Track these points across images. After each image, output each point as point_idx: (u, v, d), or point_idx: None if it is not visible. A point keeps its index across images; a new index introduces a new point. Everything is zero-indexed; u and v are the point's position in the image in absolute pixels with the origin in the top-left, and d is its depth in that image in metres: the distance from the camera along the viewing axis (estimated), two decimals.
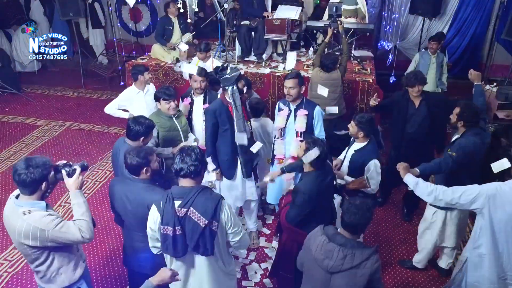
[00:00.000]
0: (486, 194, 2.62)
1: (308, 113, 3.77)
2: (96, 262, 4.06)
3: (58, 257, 2.48)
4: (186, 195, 2.37)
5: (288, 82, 3.74)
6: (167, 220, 2.36)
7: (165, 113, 3.79)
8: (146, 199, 2.66)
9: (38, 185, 2.33)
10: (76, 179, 2.45)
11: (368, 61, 6.39)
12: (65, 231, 2.35)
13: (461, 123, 3.35)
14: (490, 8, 7.56)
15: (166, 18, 6.36)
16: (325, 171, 2.99)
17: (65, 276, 2.55)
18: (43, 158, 2.40)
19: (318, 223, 2.95)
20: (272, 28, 5.83)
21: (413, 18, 7.78)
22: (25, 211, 2.32)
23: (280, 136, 3.91)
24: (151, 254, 2.84)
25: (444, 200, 2.78)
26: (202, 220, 2.35)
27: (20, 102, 7.83)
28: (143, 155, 2.72)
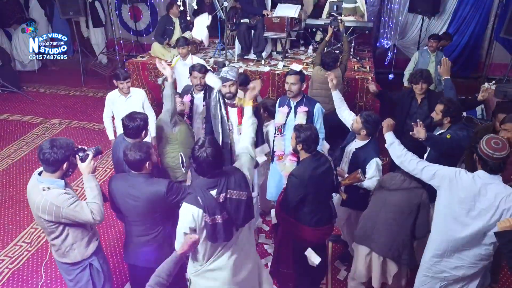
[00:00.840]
0: (443, 175, 2.64)
1: (308, 110, 3.80)
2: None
3: (72, 233, 2.65)
4: (218, 182, 2.39)
5: (290, 78, 3.77)
6: (213, 210, 2.36)
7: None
8: (149, 191, 2.71)
9: (60, 165, 2.50)
10: (88, 163, 2.58)
11: (367, 59, 6.42)
12: (78, 210, 2.52)
13: (447, 119, 3.44)
14: (489, 7, 7.58)
15: (167, 18, 6.39)
16: (318, 159, 3.03)
17: (78, 251, 2.70)
18: (67, 140, 2.56)
19: (313, 217, 3.03)
20: (271, 26, 5.85)
21: (412, 16, 7.81)
22: (44, 187, 2.49)
23: (280, 133, 3.94)
24: (153, 247, 2.90)
25: (408, 168, 2.86)
26: (242, 194, 2.45)
27: (20, 101, 7.85)
28: (145, 149, 2.75)
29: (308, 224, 3.06)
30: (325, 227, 3.16)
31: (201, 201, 2.34)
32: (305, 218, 3.06)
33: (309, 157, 3.01)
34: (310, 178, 2.94)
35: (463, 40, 7.82)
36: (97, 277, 2.84)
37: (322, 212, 3.11)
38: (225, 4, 5.71)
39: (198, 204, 2.35)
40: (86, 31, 9.60)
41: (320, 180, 3.01)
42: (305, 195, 2.97)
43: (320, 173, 2.99)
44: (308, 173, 2.94)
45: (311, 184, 2.95)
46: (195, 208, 2.35)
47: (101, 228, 4.47)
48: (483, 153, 2.50)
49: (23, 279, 3.84)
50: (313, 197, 3.00)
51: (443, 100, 3.50)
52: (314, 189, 2.98)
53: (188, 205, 2.37)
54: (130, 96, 4.50)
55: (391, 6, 7.57)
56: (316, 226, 3.08)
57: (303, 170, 2.98)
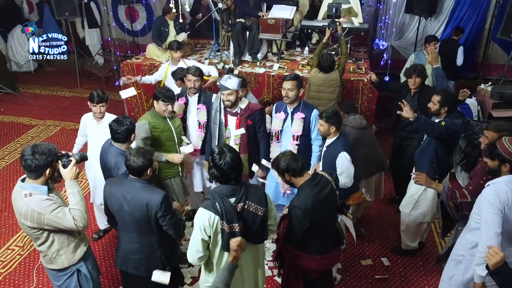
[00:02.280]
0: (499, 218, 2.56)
1: (305, 116, 3.74)
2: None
3: (58, 239, 2.62)
4: (237, 191, 2.42)
5: (287, 83, 3.68)
6: (231, 218, 2.37)
7: (160, 114, 3.73)
8: (145, 198, 2.67)
9: (43, 171, 2.48)
10: (70, 169, 2.56)
11: (363, 60, 6.39)
12: (61, 216, 2.48)
13: (444, 109, 3.55)
14: (486, 7, 7.53)
15: (162, 19, 6.35)
16: (318, 182, 2.73)
17: (65, 257, 2.68)
18: (49, 145, 2.54)
19: (321, 245, 2.82)
20: (266, 27, 5.82)
21: (409, 17, 7.76)
22: (26, 193, 2.48)
23: (277, 139, 3.88)
24: (145, 255, 2.85)
25: (489, 240, 2.58)
26: (260, 210, 2.47)
27: (15, 102, 7.83)
28: (148, 156, 2.72)
29: (316, 254, 2.82)
30: (333, 252, 2.93)
31: (219, 208, 2.34)
32: (313, 248, 2.80)
33: (307, 182, 2.71)
34: (314, 206, 2.64)
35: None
36: (85, 283, 2.81)
37: (329, 237, 2.89)
38: (220, 6, 5.68)
39: (216, 211, 2.35)
40: (82, 32, 9.56)
41: (324, 205, 2.73)
42: (310, 225, 2.68)
43: (323, 198, 2.70)
44: (311, 200, 2.64)
45: (316, 212, 2.66)
46: (212, 214, 2.36)
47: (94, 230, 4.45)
48: (508, 153, 2.52)
49: (14, 284, 3.81)
50: (319, 225, 2.75)
51: (439, 91, 3.62)
52: (319, 216, 2.70)
53: (205, 211, 2.37)
54: (102, 122, 3.87)
55: (388, 6, 7.53)
56: (323, 254, 2.84)
57: (305, 199, 2.66)
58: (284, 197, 3.95)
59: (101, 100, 3.80)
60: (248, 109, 3.79)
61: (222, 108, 3.82)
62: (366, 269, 3.97)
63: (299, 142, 3.75)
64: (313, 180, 2.72)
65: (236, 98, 3.69)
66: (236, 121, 3.80)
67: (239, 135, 3.78)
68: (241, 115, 3.77)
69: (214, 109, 3.88)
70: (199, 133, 4.07)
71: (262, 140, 3.90)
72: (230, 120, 3.84)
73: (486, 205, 2.55)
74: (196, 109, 4.13)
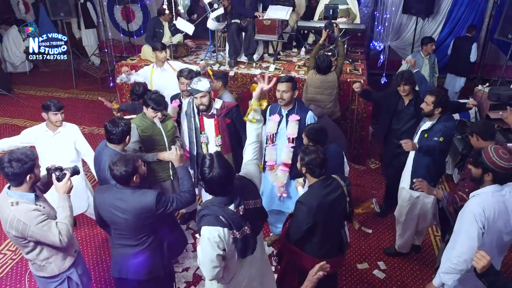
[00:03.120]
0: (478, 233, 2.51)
1: (301, 118, 3.68)
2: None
3: (47, 247, 2.56)
4: (233, 197, 2.34)
5: (281, 85, 3.62)
6: (239, 223, 2.29)
7: (149, 119, 3.65)
8: (139, 203, 2.62)
9: (22, 178, 2.41)
10: (65, 184, 2.53)
11: (360, 61, 6.35)
12: (46, 230, 2.42)
13: (439, 109, 3.52)
14: (483, 8, 7.53)
15: (156, 20, 6.29)
16: (329, 184, 2.75)
17: (55, 264, 2.63)
18: (27, 151, 2.46)
19: (321, 247, 2.79)
20: (262, 28, 5.77)
21: (407, 18, 7.74)
22: (13, 201, 2.42)
23: (272, 142, 3.83)
24: (143, 258, 2.80)
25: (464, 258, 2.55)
26: (258, 202, 2.45)
27: (10, 104, 7.76)
28: (131, 164, 2.63)
29: (315, 255, 2.79)
30: (334, 259, 2.87)
31: (225, 219, 2.24)
32: (312, 248, 2.81)
33: (318, 182, 2.74)
34: (320, 206, 2.66)
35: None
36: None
37: (331, 242, 2.87)
38: (215, 6, 5.63)
39: (222, 223, 2.24)
40: (78, 32, 9.51)
41: (331, 208, 2.73)
42: (313, 224, 2.70)
43: (331, 201, 2.72)
44: (318, 200, 2.67)
45: (321, 213, 2.68)
46: (220, 228, 2.24)
47: (85, 237, 4.40)
48: (492, 163, 2.46)
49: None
50: (322, 227, 2.74)
51: (432, 91, 3.61)
52: (323, 218, 2.71)
53: (211, 227, 2.24)
54: (59, 132, 3.77)
55: (385, 7, 7.50)
56: (323, 257, 2.74)
57: (312, 197, 2.70)
58: (280, 201, 3.91)
59: (61, 107, 3.70)
60: (224, 108, 3.75)
61: (196, 113, 3.77)
62: (362, 272, 3.93)
63: (294, 144, 3.70)
64: (325, 182, 2.74)
65: (209, 100, 3.65)
66: (214, 123, 3.75)
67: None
68: (218, 115, 3.73)
69: (188, 115, 3.82)
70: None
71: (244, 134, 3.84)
72: (207, 123, 3.78)
73: (469, 217, 2.48)
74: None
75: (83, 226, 4.56)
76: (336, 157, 3.36)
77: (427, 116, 3.63)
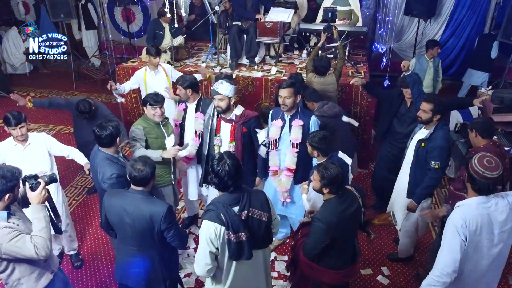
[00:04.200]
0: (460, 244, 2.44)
1: (304, 123, 3.64)
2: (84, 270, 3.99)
3: (19, 267, 2.46)
4: (240, 199, 2.40)
5: (283, 91, 3.57)
6: (237, 227, 2.36)
7: (151, 119, 3.65)
8: (148, 211, 2.60)
9: (1, 196, 2.31)
10: (39, 193, 2.42)
11: (362, 63, 6.31)
12: (20, 246, 2.32)
13: (437, 116, 3.45)
14: (485, 10, 7.48)
15: (157, 22, 6.25)
16: (346, 199, 2.71)
17: (26, 286, 2.52)
18: (13, 169, 2.38)
19: (337, 260, 2.78)
20: (264, 31, 5.73)
21: (408, 19, 7.70)
22: None
23: (275, 147, 3.78)
24: (145, 269, 2.78)
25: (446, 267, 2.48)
26: (264, 215, 2.47)
27: (10, 105, 7.66)
28: (153, 166, 2.68)
29: (331, 268, 2.79)
30: (348, 268, 2.88)
31: (224, 218, 2.32)
32: (329, 262, 2.78)
33: (335, 196, 2.69)
34: (338, 223, 2.62)
35: (459, 43, 7.73)
36: None
37: (346, 254, 2.85)
38: (217, 9, 5.59)
39: (221, 221, 2.33)
40: (78, 33, 9.48)
41: (349, 223, 2.71)
42: (332, 240, 2.66)
43: (349, 216, 2.68)
44: (336, 217, 2.62)
45: (339, 229, 2.64)
46: (217, 225, 2.34)
47: (88, 240, 4.36)
48: (473, 171, 2.39)
49: None
50: (339, 242, 2.72)
51: (429, 98, 3.50)
52: (341, 234, 2.68)
53: (210, 223, 2.35)
54: (29, 143, 3.61)
55: (387, 8, 7.46)
56: (339, 269, 2.81)
57: (330, 214, 2.64)
58: (283, 206, 3.88)
59: (19, 122, 3.46)
60: (243, 116, 3.71)
61: (215, 114, 3.75)
62: (366, 278, 3.89)
63: (298, 149, 3.66)
64: (342, 196, 2.70)
65: (227, 104, 3.62)
66: (231, 128, 3.72)
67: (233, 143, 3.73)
68: (236, 122, 3.70)
69: (208, 114, 3.81)
70: (195, 142, 3.98)
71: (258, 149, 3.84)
72: (223, 127, 3.77)
73: (452, 230, 2.42)
74: (194, 117, 4.03)
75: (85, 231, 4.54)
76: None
77: (424, 123, 3.55)
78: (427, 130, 3.54)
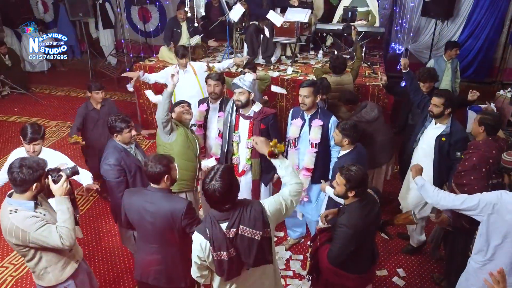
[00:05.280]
0: (486, 202, 2.56)
1: (323, 123, 3.63)
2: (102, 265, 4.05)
3: (46, 256, 2.52)
4: (231, 215, 2.23)
5: (303, 90, 3.59)
6: (219, 245, 2.20)
7: (183, 122, 3.63)
8: (168, 208, 2.61)
9: (29, 186, 2.37)
10: (61, 186, 2.47)
11: (378, 64, 6.29)
12: (46, 235, 2.38)
13: (449, 110, 3.50)
14: (504, 11, 7.39)
15: (175, 21, 6.31)
16: (368, 202, 2.67)
17: (53, 275, 2.59)
18: (39, 159, 2.44)
19: (360, 264, 2.73)
20: (281, 31, 5.75)
21: (425, 20, 7.64)
22: (12, 209, 2.38)
23: (294, 146, 3.80)
24: (166, 266, 2.79)
25: (446, 205, 2.76)
26: (256, 234, 2.23)
27: (28, 103, 7.86)
28: (166, 162, 2.64)
29: (354, 272, 2.75)
30: (369, 271, 2.88)
31: (208, 233, 2.21)
32: (352, 267, 2.73)
33: (357, 201, 2.64)
34: (363, 228, 2.60)
35: (477, 45, 7.63)
36: None
37: (366, 256, 2.81)
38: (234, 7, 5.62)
39: (206, 235, 2.23)
40: (95, 32, 9.60)
41: (372, 227, 2.70)
42: (359, 245, 2.62)
43: (372, 220, 2.67)
44: (362, 222, 2.59)
45: (364, 233, 2.63)
46: (203, 238, 2.24)
47: (106, 236, 4.42)
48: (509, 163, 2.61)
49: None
50: (362, 245, 2.68)
51: (440, 93, 3.56)
52: (366, 238, 2.68)
53: (198, 235, 2.27)
54: None
55: (404, 9, 7.41)
56: (362, 272, 2.79)
57: (356, 219, 2.57)
58: (300, 204, 3.88)
59: (34, 139, 3.15)
60: (261, 113, 3.72)
61: (234, 110, 3.77)
62: (381, 279, 3.88)
63: (317, 149, 3.67)
64: (364, 199, 2.65)
65: (247, 99, 3.63)
66: (249, 125, 3.74)
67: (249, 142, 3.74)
68: (254, 119, 3.71)
69: (227, 111, 3.83)
70: (218, 142, 3.97)
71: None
72: (242, 124, 3.77)
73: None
74: (217, 117, 4.03)
75: (102, 226, 4.60)
76: (359, 156, 3.36)
77: (436, 117, 3.59)
78: (442, 125, 3.57)
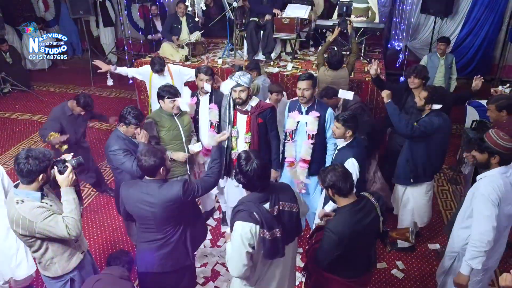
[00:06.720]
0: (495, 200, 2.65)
1: (320, 115, 3.68)
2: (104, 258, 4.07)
3: (52, 246, 2.54)
4: (269, 195, 2.38)
5: (302, 83, 3.64)
6: (272, 224, 2.31)
7: (167, 112, 3.71)
8: (166, 195, 2.64)
9: (35, 176, 2.39)
10: (67, 176, 2.49)
11: (378, 60, 6.30)
12: (53, 225, 2.40)
13: (429, 106, 3.56)
14: (503, 9, 7.42)
15: (175, 16, 6.35)
16: (362, 207, 2.49)
17: (59, 265, 2.61)
18: (45, 150, 2.45)
19: (349, 270, 2.66)
20: (281, 27, 5.79)
21: (425, 17, 7.67)
22: (18, 200, 2.39)
23: (291, 138, 3.84)
24: (168, 250, 2.81)
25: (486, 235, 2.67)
26: (294, 206, 2.44)
27: (30, 100, 7.90)
28: (160, 155, 2.67)
29: (343, 277, 2.64)
30: (362, 277, 2.72)
31: (258, 216, 2.27)
32: (340, 270, 2.63)
33: (350, 205, 2.47)
34: (351, 235, 2.42)
35: (476, 42, 7.67)
36: None
37: (360, 263, 2.68)
38: (234, 4, 5.65)
39: (255, 220, 2.28)
40: (96, 30, 9.63)
41: (363, 234, 2.50)
42: (344, 252, 2.48)
43: (363, 227, 2.47)
44: (349, 229, 2.42)
45: (352, 241, 2.45)
46: (252, 224, 2.28)
47: (107, 230, 4.46)
48: (500, 147, 2.57)
49: None
50: (352, 253, 2.54)
51: (427, 88, 3.68)
52: (354, 245, 2.49)
53: (245, 223, 2.28)
54: None
55: (403, 6, 7.44)
56: (351, 278, 2.65)
57: (343, 225, 2.43)
58: None
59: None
60: (258, 107, 3.75)
61: (231, 106, 3.80)
62: (381, 272, 3.91)
63: (314, 141, 3.70)
64: (357, 205, 2.48)
65: (247, 95, 3.66)
66: (247, 120, 3.76)
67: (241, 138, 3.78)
68: (251, 113, 3.74)
69: (224, 107, 3.85)
70: (212, 133, 4.02)
71: (273, 140, 3.84)
72: (239, 119, 3.79)
73: (481, 199, 2.61)
74: (208, 108, 4.08)
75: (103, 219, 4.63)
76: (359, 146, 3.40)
77: (419, 110, 3.69)
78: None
